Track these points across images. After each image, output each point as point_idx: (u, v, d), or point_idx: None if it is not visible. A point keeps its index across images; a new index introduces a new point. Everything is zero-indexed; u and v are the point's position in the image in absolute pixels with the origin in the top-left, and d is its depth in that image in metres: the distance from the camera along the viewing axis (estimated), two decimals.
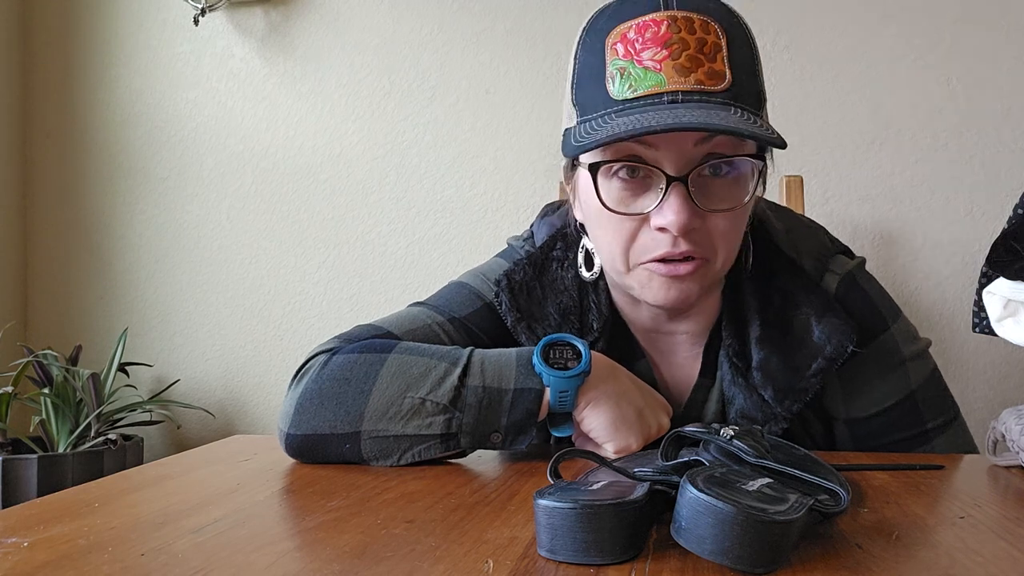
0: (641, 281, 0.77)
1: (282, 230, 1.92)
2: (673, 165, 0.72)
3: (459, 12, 1.82)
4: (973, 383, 1.62)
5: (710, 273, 0.76)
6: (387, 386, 0.74)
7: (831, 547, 0.50)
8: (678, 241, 0.73)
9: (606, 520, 0.46)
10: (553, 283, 0.87)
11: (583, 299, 0.86)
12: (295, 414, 0.76)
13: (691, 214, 0.71)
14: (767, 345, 0.81)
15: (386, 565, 0.47)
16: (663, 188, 0.72)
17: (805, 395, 0.80)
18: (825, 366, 0.79)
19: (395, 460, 0.74)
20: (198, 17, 1.89)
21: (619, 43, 0.73)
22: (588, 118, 0.74)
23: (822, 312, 0.81)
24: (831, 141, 1.66)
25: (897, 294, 1.64)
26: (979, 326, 0.76)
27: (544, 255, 0.89)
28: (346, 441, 0.74)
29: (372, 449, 0.74)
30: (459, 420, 0.73)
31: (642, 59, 0.72)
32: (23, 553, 0.50)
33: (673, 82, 0.70)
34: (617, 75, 0.72)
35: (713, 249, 0.75)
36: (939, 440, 0.85)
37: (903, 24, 1.64)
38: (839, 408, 0.86)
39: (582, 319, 0.85)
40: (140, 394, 1.95)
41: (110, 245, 2.01)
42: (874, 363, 0.84)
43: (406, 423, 0.73)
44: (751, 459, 0.54)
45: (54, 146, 2.03)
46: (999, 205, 1.61)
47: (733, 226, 0.75)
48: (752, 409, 0.81)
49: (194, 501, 0.63)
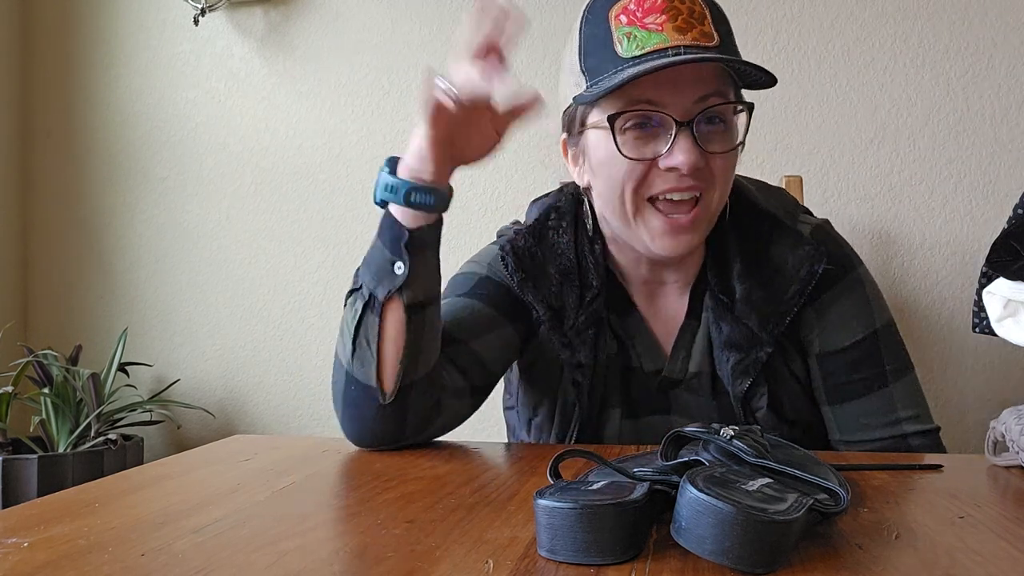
0: (649, 230, 0.86)
1: (282, 230, 1.92)
2: (679, 113, 0.82)
3: (459, 12, 1.82)
4: (973, 383, 1.62)
5: (707, 215, 0.87)
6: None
7: (831, 547, 0.50)
8: (684, 178, 0.83)
9: (606, 520, 0.46)
10: (552, 248, 0.95)
11: (580, 260, 0.95)
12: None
13: (698, 154, 0.82)
14: (748, 279, 0.91)
15: (386, 565, 0.48)
16: (672, 134, 0.82)
17: (785, 317, 0.90)
18: (800, 287, 0.90)
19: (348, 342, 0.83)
20: (198, 17, 1.89)
21: (621, 14, 0.84)
22: (601, 78, 0.83)
23: (795, 245, 0.92)
24: (830, 141, 1.66)
25: (896, 294, 1.64)
26: (979, 326, 0.76)
27: (541, 225, 0.98)
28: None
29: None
30: (359, 273, 0.83)
31: (645, 23, 0.82)
32: (23, 553, 0.50)
33: (675, 39, 0.81)
34: (624, 38, 0.83)
35: (713, 185, 0.85)
36: (897, 385, 0.93)
37: (901, 24, 1.64)
38: (813, 342, 0.94)
39: (582, 278, 0.94)
40: (140, 394, 1.95)
41: (110, 245, 2.01)
42: (844, 298, 0.94)
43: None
44: (751, 459, 0.54)
45: (54, 146, 2.03)
46: (998, 205, 1.61)
47: (728, 166, 0.87)
48: (739, 338, 0.90)
49: (194, 501, 0.63)
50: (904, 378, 0.94)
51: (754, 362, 0.90)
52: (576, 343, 0.93)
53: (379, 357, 0.81)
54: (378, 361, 0.81)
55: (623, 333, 0.96)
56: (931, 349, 1.63)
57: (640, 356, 0.96)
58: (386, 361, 0.81)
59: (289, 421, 1.92)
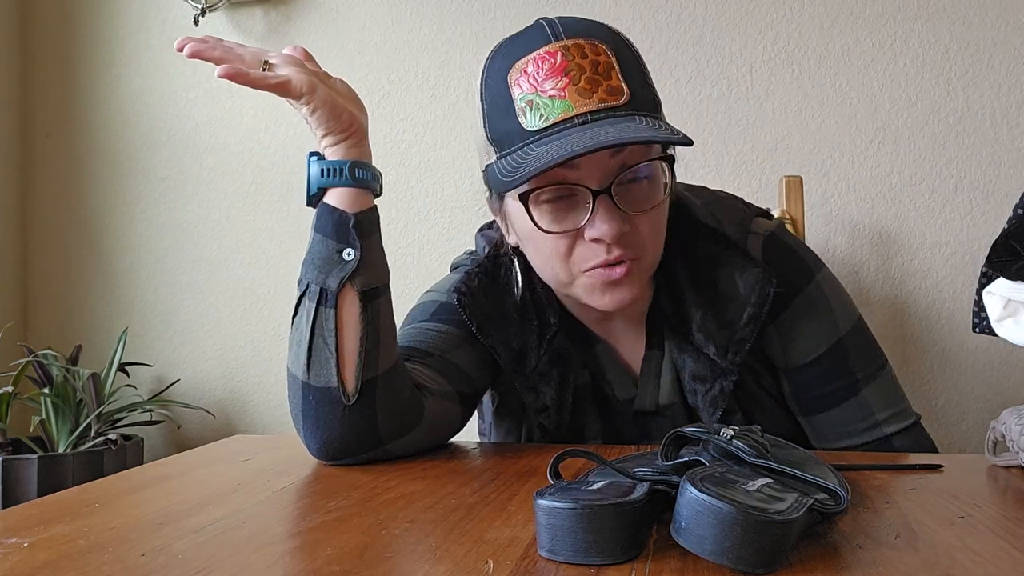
0: (586, 290, 0.83)
1: (282, 230, 1.92)
2: (596, 181, 0.78)
3: (458, 12, 1.82)
4: (973, 383, 1.62)
5: (644, 270, 0.84)
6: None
7: (831, 547, 0.50)
8: (611, 248, 0.80)
9: (606, 520, 0.46)
10: (506, 286, 0.93)
11: (535, 298, 0.92)
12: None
13: (620, 221, 0.78)
14: (701, 306, 0.88)
15: (386, 565, 0.48)
16: (590, 203, 0.78)
17: (744, 345, 0.86)
18: (754, 313, 0.86)
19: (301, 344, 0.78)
20: (198, 17, 1.89)
21: (521, 78, 0.79)
22: (509, 151, 0.80)
23: (743, 267, 0.88)
24: (830, 141, 1.66)
25: (896, 294, 1.64)
26: (979, 326, 0.76)
27: (492, 262, 0.94)
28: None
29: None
30: (302, 277, 0.79)
31: (546, 90, 0.78)
32: (23, 553, 0.50)
33: (580, 105, 0.77)
34: (527, 108, 0.78)
35: (644, 247, 0.82)
36: (869, 389, 0.90)
37: (901, 24, 1.64)
38: (780, 359, 0.92)
39: (539, 315, 0.92)
40: (140, 394, 1.95)
41: (110, 245, 2.01)
42: (804, 312, 0.90)
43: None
44: (751, 459, 0.54)
45: (54, 146, 2.03)
46: (998, 205, 1.61)
47: (657, 222, 0.83)
48: (702, 369, 0.88)
49: (194, 501, 0.63)
50: (876, 379, 0.91)
51: (722, 392, 0.87)
52: (540, 385, 0.90)
53: (338, 352, 0.76)
54: (337, 357, 0.76)
55: (591, 364, 0.95)
56: (931, 349, 1.63)
57: (612, 385, 0.95)
58: (346, 356, 0.76)
59: (289, 421, 1.91)
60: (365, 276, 0.77)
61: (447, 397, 0.87)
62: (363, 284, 0.77)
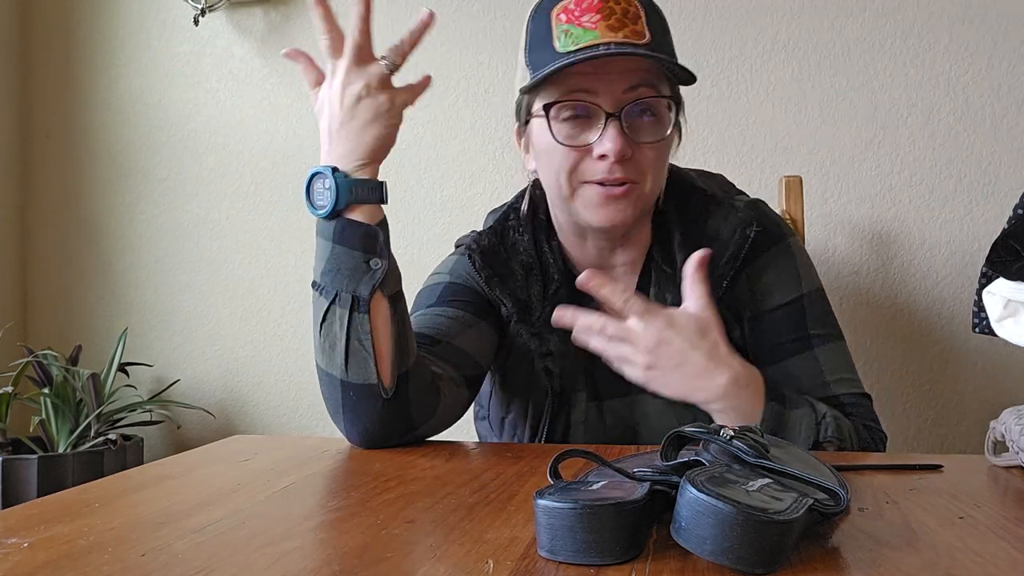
0: (585, 203, 0.92)
1: (282, 230, 1.92)
2: (610, 105, 0.88)
3: (458, 12, 1.82)
4: (973, 383, 1.62)
5: (641, 196, 0.92)
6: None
7: (831, 547, 0.50)
8: (614, 167, 0.88)
9: (606, 520, 0.46)
10: (513, 246, 1.02)
11: (541, 257, 1.01)
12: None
13: (625, 143, 0.88)
14: (688, 248, 0.94)
15: (386, 565, 0.48)
16: (602, 124, 0.88)
17: (721, 281, 0.95)
18: (734, 251, 0.96)
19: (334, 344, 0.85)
20: (198, 17, 1.89)
21: (562, 13, 0.90)
22: (541, 71, 0.89)
23: (728, 215, 0.98)
24: (829, 141, 1.65)
25: (896, 294, 1.64)
26: (979, 326, 0.76)
27: (501, 225, 1.04)
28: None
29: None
30: (327, 286, 0.85)
31: (581, 22, 0.88)
32: (23, 553, 0.50)
33: (606, 36, 0.87)
34: (562, 35, 0.89)
35: (644, 175, 0.91)
36: (821, 350, 0.97)
37: (901, 23, 1.63)
38: (746, 305, 1.00)
39: (544, 272, 1.00)
40: (140, 394, 1.95)
41: (110, 245, 2.01)
42: (774, 263, 0.99)
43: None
44: (751, 459, 0.54)
45: (54, 146, 2.03)
46: (998, 205, 1.61)
47: (658, 156, 0.92)
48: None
49: (194, 501, 0.63)
50: (829, 344, 0.98)
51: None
52: (545, 333, 0.97)
53: (376, 352, 0.83)
54: (375, 356, 0.83)
55: None
56: (931, 349, 1.63)
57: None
58: (383, 355, 0.84)
59: (289, 421, 1.92)
60: (391, 282, 0.86)
61: (455, 381, 0.94)
62: (390, 290, 0.86)
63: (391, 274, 0.86)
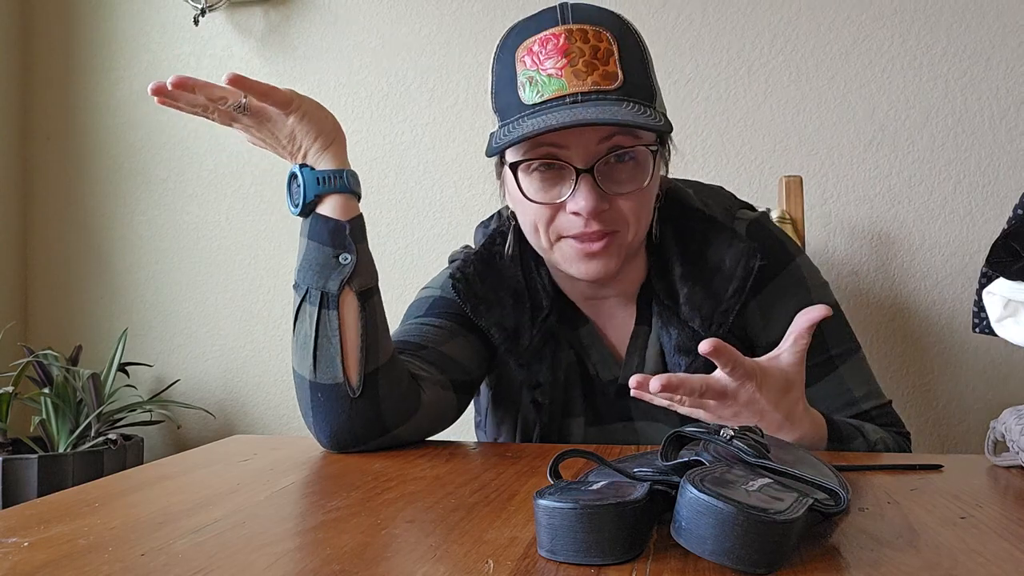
0: (564, 257, 0.89)
1: (281, 230, 1.92)
2: (581, 159, 0.84)
3: (458, 12, 1.82)
4: (973, 383, 1.62)
5: (623, 245, 0.88)
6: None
7: (831, 547, 0.50)
8: (590, 222, 0.85)
9: (607, 520, 0.46)
10: (500, 272, 0.98)
11: (529, 282, 0.98)
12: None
13: (598, 199, 0.83)
14: (689, 280, 0.93)
15: (386, 565, 0.48)
16: (574, 179, 0.84)
17: (728, 316, 0.91)
18: (739, 285, 0.91)
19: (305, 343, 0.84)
20: (198, 17, 1.89)
21: (526, 55, 0.85)
22: (506, 122, 0.85)
23: (730, 243, 0.94)
24: (829, 142, 1.66)
25: (896, 294, 1.64)
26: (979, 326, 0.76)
27: (488, 251, 1.00)
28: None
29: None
30: (300, 283, 0.84)
31: (546, 68, 0.83)
32: (23, 553, 0.50)
33: (573, 86, 0.82)
34: (527, 83, 0.84)
35: (625, 224, 0.87)
36: (844, 367, 0.95)
37: (899, 25, 1.64)
38: (760, 335, 0.96)
39: (533, 299, 0.96)
40: (140, 394, 1.95)
41: (110, 245, 2.01)
42: (784, 289, 0.96)
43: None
44: (751, 459, 0.54)
45: (54, 147, 2.03)
46: (998, 205, 1.61)
47: (639, 204, 0.87)
48: (686, 341, 0.92)
49: (194, 501, 0.63)
50: (851, 360, 0.96)
51: (704, 364, 0.88)
52: (533, 362, 0.95)
53: (343, 349, 0.82)
54: (342, 353, 0.82)
55: (578, 345, 0.98)
56: (931, 349, 1.63)
57: (596, 365, 0.98)
58: (349, 351, 0.82)
59: (289, 421, 1.92)
60: (361, 278, 0.83)
61: (440, 385, 0.91)
62: (360, 285, 0.83)
63: (362, 268, 0.83)
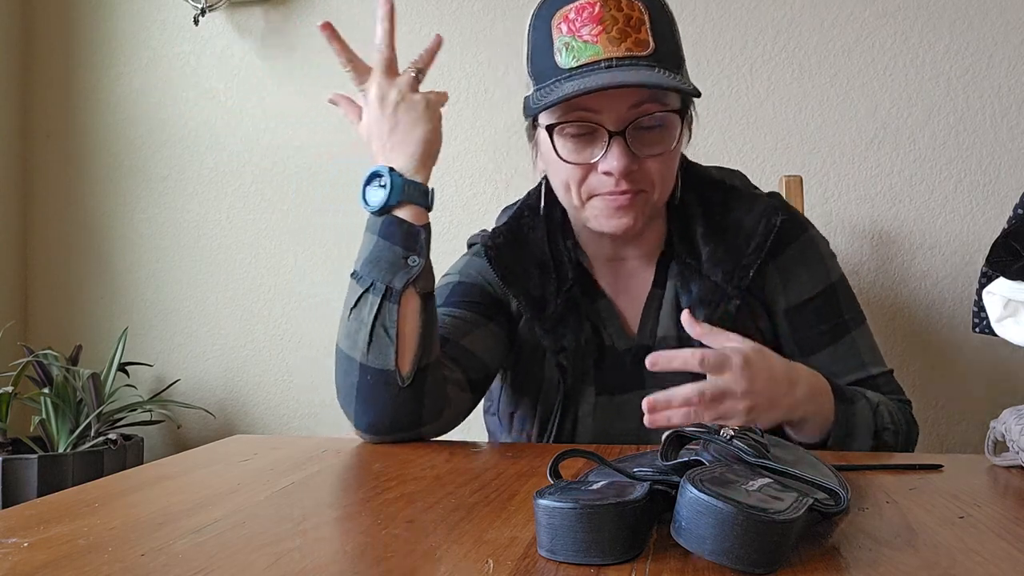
0: (594, 213, 0.95)
1: (282, 230, 1.92)
2: (613, 122, 0.89)
3: (458, 12, 1.82)
4: (973, 383, 1.62)
5: (648, 203, 0.94)
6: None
7: (831, 547, 0.50)
8: (620, 181, 0.90)
9: (606, 520, 0.46)
10: (527, 245, 1.03)
11: (555, 255, 1.02)
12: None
13: (629, 160, 0.89)
14: (711, 238, 0.98)
15: (386, 565, 0.48)
16: (606, 141, 0.90)
17: (748, 270, 0.97)
18: (760, 241, 0.97)
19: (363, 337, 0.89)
20: (198, 17, 1.89)
21: (562, 23, 0.90)
22: (542, 85, 0.91)
23: (751, 205, 1.00)
24: (830, 140, 1.65)
25: (896, 294, 1.64)
26: (979, 326, 0.76)
27: (516, 223, 1.05)
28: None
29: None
30: (365, 275, 0.90)
31: (582, 34, 0.88)
32: (23, 553, 0.50)
33: (608, 51, 0.87)
34: (563, 48, 0.89)
35: (651, 184, 0.93)
36: (856, 332, 1.01)
37: (902, 23, 1.63)
38: (779, 300, 1.02)
39: (558, 270, 1.01)
40: (140, 394, 1.95)
41: (110, 245, 2.01)
42: (801, 255, 1.02)
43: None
44: (751, 459, 0.54)
45: (54, 146, 2.03)
46: (998, 205, 1.61)
47: (665, 166, 0.93)
48: (708, 293, 0.97)
49: (194, 501, 0.63)
50: (861, 327, 1.03)
51: (723, 315, 0.95)
52: (559, 327, 0.99)
53: (398, 341, 0.87)
54: (397, 345, 0.87)
55: (596, 317, 1.03)
56: (931, 349, 1.63)
57: (612, 336, 1.02)
58: (405, 344, 0.87)
59: (289, 421, 1.92)
60: (424, 280, 0.90)
61: (459, 386, 0.96)
62: (423, 287, 0.89)
63: (426, 273, 0.90)
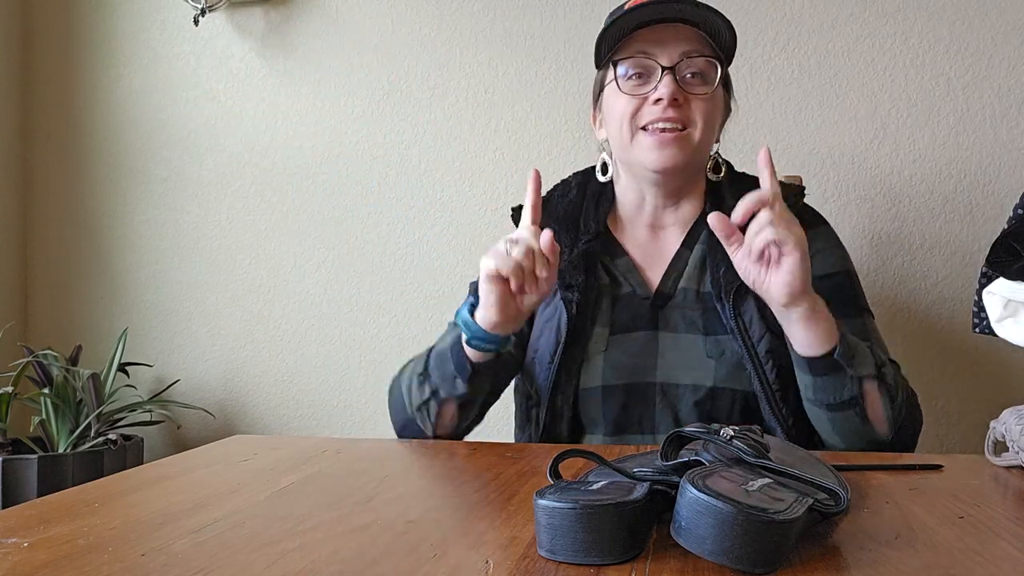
0: (641, 148, 1.05)
1: (282, 230, 1.92)
2: (666, 59, 1.04)
3: (459, 12, 1.82)
4: (973, 383, 1.62)
5: (691, 142, 1.05)
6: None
7: (831, 547, 0.50)
8: (667, 110, 1.03)
9: (606, 520, 0.46)
10: (554, 207, 1.15)
11: (580, 217, 1.13)
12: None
13: (677, 89, 1.03)
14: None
15: (386, 565, 0.48)
16: (659, 75, 1.04)
17: None
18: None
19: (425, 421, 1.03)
20: (198, 17, 1.89)
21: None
22: (607, 25, 1.06)
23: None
24: (830, 140, 1.65)
25: (896, 294, 1.64)
26: (979, 326, 0.76)
27: (547, 193, 1.16)
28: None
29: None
30: (431, 371, 1.02)
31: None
32: (23, 553, 0.50)
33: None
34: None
35: (694, 122, 1.04)
36: (867, 319, 1.07)
37: (902, 23, 1.63)
38: None
39: (579, 228, 1.12)
40: (140, 394, 1.95)
41: (110, 245, 2.01)
42: (822, 238, 1.10)
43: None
44: (751, 459, 0.54)
45: (54, 147, 2.03)
46: (998, 205, 1.61)
47: (707, 109, 1.05)
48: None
49: (194, 501, 0.63)
50: (872, 319, 1.08)
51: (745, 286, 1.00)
52: (568, 270, 1.08)
53: (435, 427, 1.02)
54: (434, 428, 1.02)
55: (614, 270, 1.11)
56: (931, 349, 1.63)
57: (633, 285, 1.10)
58: (442, 429, 1.02)
59: (289, 421, 1.92)
60: (465, 397, 1.01)
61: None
62: (462, 400, 1.01)
63: (470, 393, 1.00)
